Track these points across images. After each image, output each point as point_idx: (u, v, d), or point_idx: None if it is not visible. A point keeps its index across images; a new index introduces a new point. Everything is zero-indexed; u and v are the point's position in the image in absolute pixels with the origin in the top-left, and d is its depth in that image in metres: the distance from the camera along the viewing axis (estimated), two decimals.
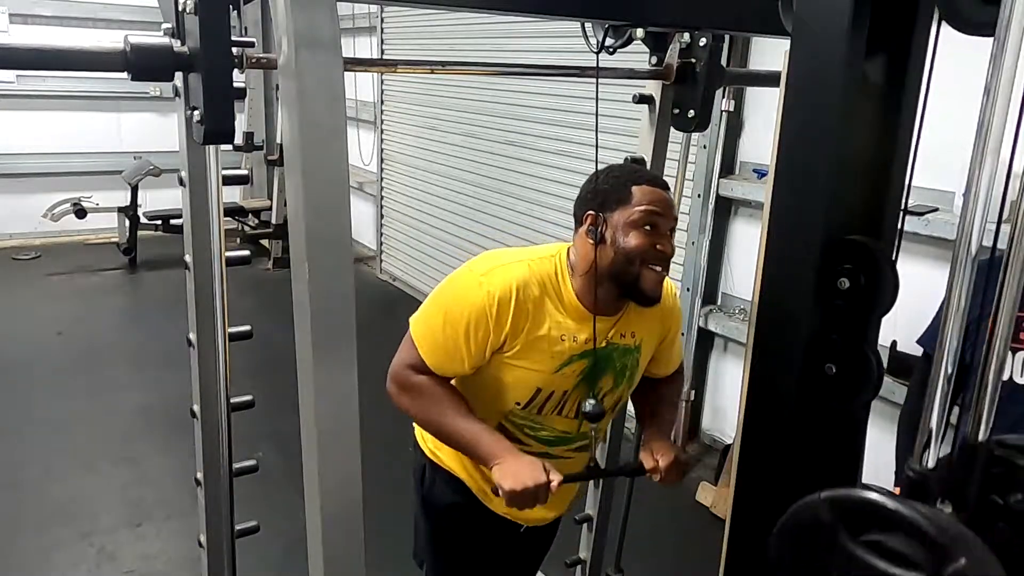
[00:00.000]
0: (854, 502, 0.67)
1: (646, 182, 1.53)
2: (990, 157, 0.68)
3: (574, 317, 1.56)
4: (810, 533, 0.69)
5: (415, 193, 6.31)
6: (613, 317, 1.61)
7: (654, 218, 1.50)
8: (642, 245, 1.49)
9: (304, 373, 1.21)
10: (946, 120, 1.40)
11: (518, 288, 1.51)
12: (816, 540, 0.69)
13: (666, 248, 1.51)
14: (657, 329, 1.70)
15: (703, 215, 3.72)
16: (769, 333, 0.92)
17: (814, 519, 0.69)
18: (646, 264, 1.50)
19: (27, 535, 3.10)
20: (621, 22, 1.58)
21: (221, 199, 1.56)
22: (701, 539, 3.07)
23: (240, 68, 1.21)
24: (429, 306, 1.59)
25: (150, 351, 4.91)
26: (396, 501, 2.01)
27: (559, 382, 1.57)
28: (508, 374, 1.56)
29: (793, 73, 0.84)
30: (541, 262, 1.58)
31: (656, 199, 1.51)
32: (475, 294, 1.51)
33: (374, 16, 6.33)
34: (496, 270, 1.54)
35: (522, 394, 1.58)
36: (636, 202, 1.50)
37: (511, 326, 1.51)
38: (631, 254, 1.50)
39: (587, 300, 1.56)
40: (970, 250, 0.69)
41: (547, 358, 1.54)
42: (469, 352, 1.52)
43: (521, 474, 1.44)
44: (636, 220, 1.49)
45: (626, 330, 1.63)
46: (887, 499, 0.65)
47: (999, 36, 0.66)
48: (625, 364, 1.65)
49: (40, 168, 7.40)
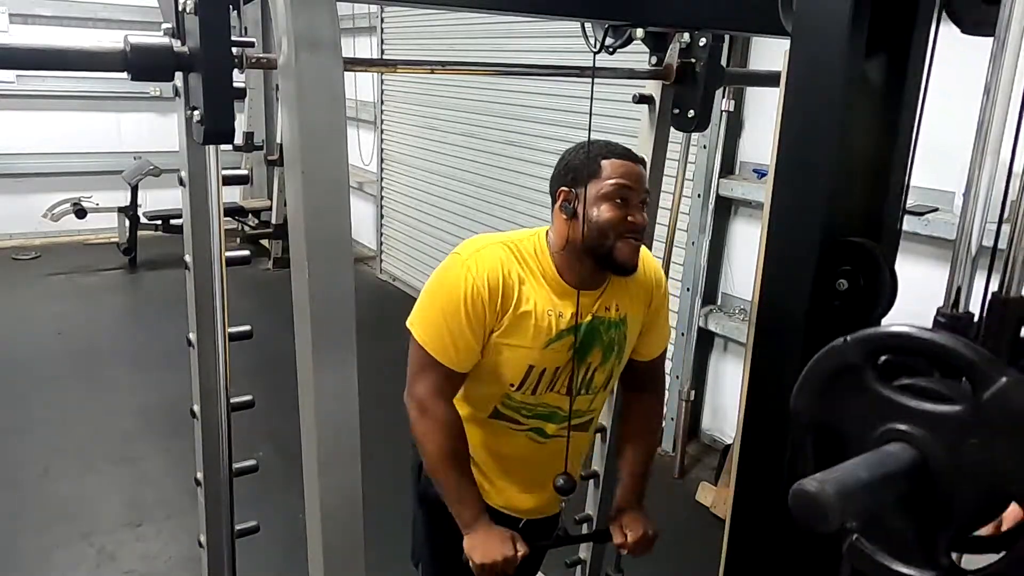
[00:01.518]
0: (885, 337, 0.63)
1: (616, 155, 1.56)
2: (990, 157, 0.68)
3: (557, 292, 1.59)
4: (837, 380, 0.65)
5: (415, 193, 6.31)
6: (596, 291, 1.63)
7: (625, 191, 1.53)
8: (614, 218, 1.52)
9: (304, 373, 1.21)
10: (946, 120, 1.40)
11: (502, 265, 1.55)
12: (844, 387, 0.65)
13: (637, 219, 1.54)
14: (641, 300, 1.71)
15: (703, 215, 3.72)
16: (769, 333, 0.92)
17: (840, 363, 0.65)
18: (620, 236, 1.53)
19: (27, 535, 3.10)
20: (621, 22, 1.58)
21: (221, 199, 1.55)
22: (701, 539, 3.06)
23: (240, 68, 1.21)
24: (425, 307, 1.59)
25: (150, 351, 4.91)
26: (396, 501, 2.01)
27: (550, 358, 1.59)
28: (500, 354, 1.57)
29: (793, 73, 0.84)
30: (521, 241, 1.61)
31: (626, 172, 1.54)
32: (463, 279, 1.53)
33: (374, 16, 6.33)
34: (479, 252, 1.57)
35: (515, 374, 1.59)
36: (607, 175, 1.53)
37: (501, 304, 1.54)
38: (603, 227, 1.52)
39: (568, 275, 1.59)
40: (970, 250, 0.69)
41: (535, 334, 1.56)
42: (476, 337, 1.55)
43: (490, 548, 1.54)
44: (607, 193, 1.52)
45: (610, 303, 1.65)
46: (919, 330, 0.61)
47: (999, 36, 0.66)
48: (612, 338, 1.66)
49: (40, 168, 7.40)
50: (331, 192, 1.15)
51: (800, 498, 0.57)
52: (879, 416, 0.63)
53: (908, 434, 0.61)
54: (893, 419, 0.62)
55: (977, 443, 0.58)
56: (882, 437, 0.62)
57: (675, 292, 3.80)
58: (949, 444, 0.59)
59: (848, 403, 0.65)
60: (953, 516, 0.61)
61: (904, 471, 0.60)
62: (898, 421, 0.62)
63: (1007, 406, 0.56)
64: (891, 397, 0.62)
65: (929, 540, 0.62)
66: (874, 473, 0.58)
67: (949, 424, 0.59)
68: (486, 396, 1.65)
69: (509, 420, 1.66)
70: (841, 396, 0.66)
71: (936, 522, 0.62)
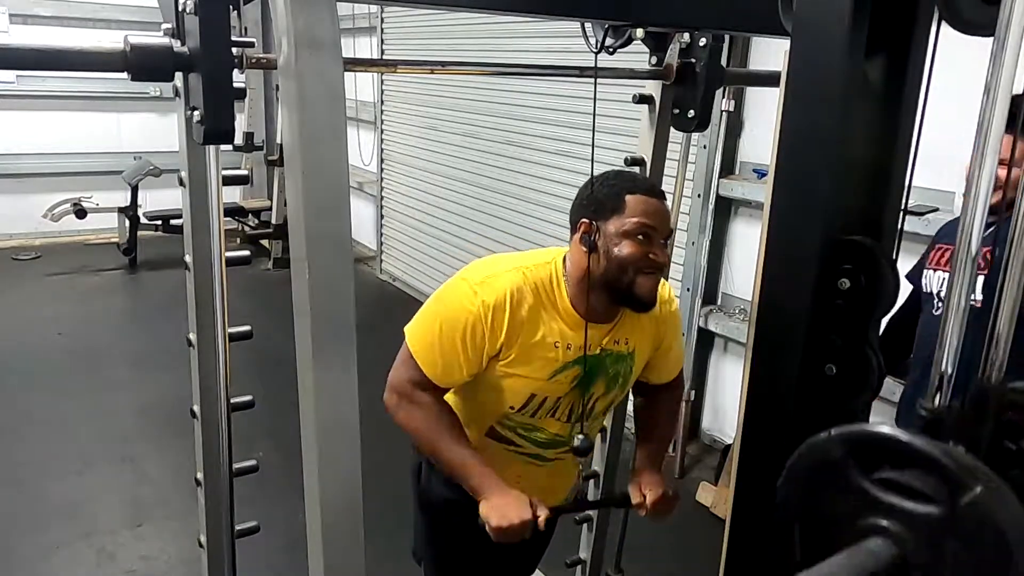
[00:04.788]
0: (865, 437, 0.64)
1: (641, 191, 1.52)
2: (990, 157, 0.68)
3: (569, 324, 1.56)
4: (820, 473, 0.67)
5: (415, 193, 6.31)
6: (607, 324, 1.61)
7: (647, 229, 1.50)
8: (635, 254, 1.49)
9: (304, 373, 1.21)
10: (946, 120, 1.40)
11: (512, 296, 1.51)
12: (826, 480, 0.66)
13: (659, 257, 1.51)
14: (651, 336, 1.69)
15: (703, 215, 3.72)
16: (769, 333, 0.92)
17: (824, 458, 0.66)
18: (640, 272, 1.50)
19: (27, 535, 3.10)
20: (621, 22, 1.58)
21: (221, 199, 1.55)
22: (701, 539, 3.06)
23: (240, 68, 1.21)
24: (424, 318, 1.59)
25: (150, 351, 4.91)
26: (396, 501, 2.01)
27: (552, 388, 1.58)
28: (502, 381, 1.57)
29: (793, 73, 0.84)
30: (536, 269, 1.58)
31: (651, 209, 1.50)
32: (470, 303, 1.51)
33: (374, 16, 6.33)
34: (490, 279, 1.54)
35: (516, 400, 1.59)
36: (630, 212, 1.50)
37: (506, 334, 1.51)
38: (624, 263, 1.50)
39: (581, 307, 1.56)
40: (970, 250, 0.69)
41: (541, 365, 1.55)
42: (468, 361, 1.53)
43: (508, 511, 1.48)
44: (629, 230, 1.49)
45: (620, 337, 1.63)
46: (900, 433, 0.63)
47: (999, 36, 0.66)
48: (618, 371, 1.65)
49: (40, 168, 7.40)
50: (331, 192, 1.14)
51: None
52: (862, 509, 0.64)
53: (888, 531, 0.62)
54: (875, 514, 0.63)
55: (954, 546, 0.59)
56: (864, 530, 0.64)
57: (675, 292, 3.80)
58: (928, 544, 0.60)
59: (832, 495, 0.67)
60: None
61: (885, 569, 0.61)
62: (879, 517, 0.63)
63: (982, 515, 0.57)
64: (873, 493, 0.64)
65: None
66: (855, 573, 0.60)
67: (928, 525, 0.60)
68: (484, 414, 1.64)
69: (506, 442, 1.65)
70: (825, 488, 0.67)
71: None
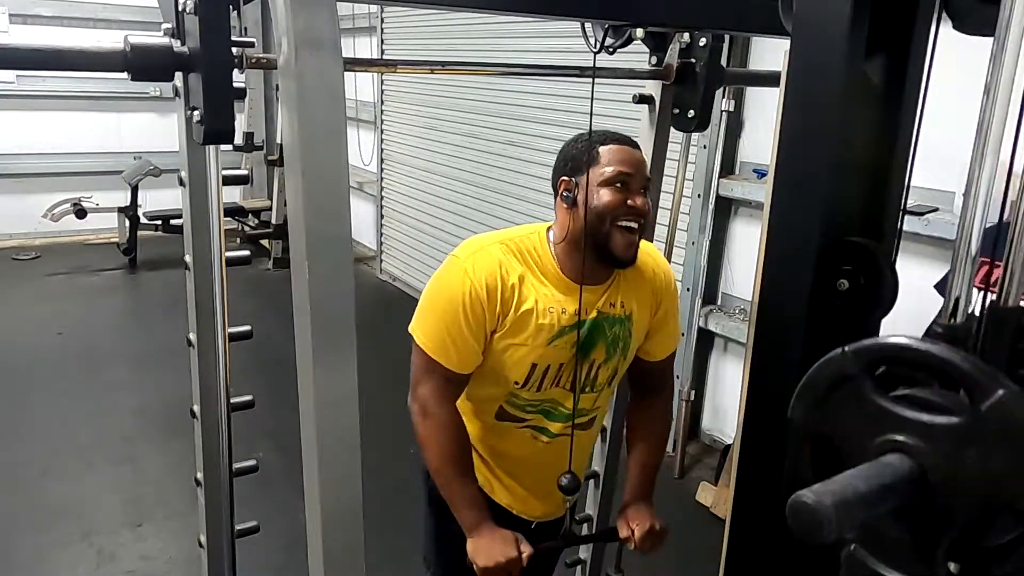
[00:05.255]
0: (881, 349, 0.63)
1: (613, 141, 1.55)
2: (990, 157, 0.68)
3: (560, 288, 1.57)
4: (835, 390, 0.65)
5: (415, 193, 6.31)
6: (601, 286, 1.61)
7: (624, 176, 1.52)
8: (613, 202, 1.51)
9: (304, 373, 1.21)
10: (946, 120, 1.39)
11: (500, 265, 1.54)
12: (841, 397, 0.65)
13: (637, 203, 1.52)
14: (648, 300, 1.69)
15: (703, 215, 3.72)
16: (769, 333, 0.92)
17: (838, 374, 0.65)
18: (617, 222, 1.51)
19: (27, 535, 3.10)
20: (621, 22, 1.57)
21: (221, 199, 1.55)
22: (701, 539, 3.06)
23: (240, 68, 1.20)
24: (425, 311, 1.59)
25: (150, 351, 4.91)
26: (396, 501, 2.01)
27: (553, 355, 1.58)
28: (503, 353, 1.57)
29: (793, 73, 0.84)
30: (522, 239, 1.60)
31: (626, 157, 1.53)
32: (462, 281, 1.53)
33: (374, 16, 6.32)
34: (477, 253, 1.56)
35: (519, 372, 1.59)
36: (606, 162, 1.53)
37: (501, 303, 1.53)
38: (603, 212, 1.51)
39: (570, 270, 1.58)
40: (970, 250, 0.69)
41: (536, 332, 1.56)
42: (476, 339, 1.54)
43: (493, 551, 1.53)
44: (607, 178, 1.51)
45: (615, 299, 1.63)
46: (917, 342, 0.62)
47: (999, 36, 0.66)
48: (617, 335, 1.65)
49: (40, 168, 7.40)
50: (331, 192, 1.15)
51: (798, 509, 0.57)
52: (877, 427, 0.63)
53: (906, 445, 0.61)
54: (891, 430, 0.62)
55: (975, 454, 0.58)
56: (880, 448, 0.62)
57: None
58: (947, 455, 0.59)
59: (846, 413, 0.65)
60: (951, 526, 0.61)
61: (902, 482, 0.60)
62: (896, 432, 0.61)
63: (1005, 418, 0.56)
64: (889, 408, 0.62)
65: (927, 550, 0.62)
66: (872, 484, 0.58)
67: (947, 435, 0.59)
68: (491, 396, 1.64)
69: (513, 419, 1.66)
70: (839, 406, 0.65)
71: (934, 532, 0.62)
